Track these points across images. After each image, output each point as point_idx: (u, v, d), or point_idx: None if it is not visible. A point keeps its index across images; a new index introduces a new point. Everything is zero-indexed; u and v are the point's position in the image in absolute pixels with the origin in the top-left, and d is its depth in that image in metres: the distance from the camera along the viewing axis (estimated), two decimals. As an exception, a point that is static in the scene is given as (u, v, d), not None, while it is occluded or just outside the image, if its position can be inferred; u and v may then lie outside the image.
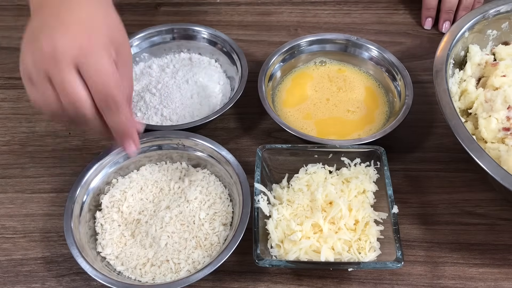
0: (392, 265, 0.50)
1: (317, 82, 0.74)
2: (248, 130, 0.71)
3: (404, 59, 0.74)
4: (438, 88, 0.59)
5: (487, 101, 0.62)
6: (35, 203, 0.64)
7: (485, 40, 0.69)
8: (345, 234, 0.54)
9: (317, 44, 0.75)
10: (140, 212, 0.60)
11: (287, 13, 0.88)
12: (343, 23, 0.86)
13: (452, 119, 0.56)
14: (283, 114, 0.70)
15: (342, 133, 0.68)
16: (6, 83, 0.77)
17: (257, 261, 0.51)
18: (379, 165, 0.59)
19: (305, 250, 0.53)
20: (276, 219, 0.56)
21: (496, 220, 0.62)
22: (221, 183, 0.62)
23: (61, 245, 0.60)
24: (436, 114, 0.72)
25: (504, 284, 0.56)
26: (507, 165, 0.55)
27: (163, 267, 0.55)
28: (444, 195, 0.64)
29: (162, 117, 0.68)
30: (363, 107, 0.71)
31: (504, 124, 0.59)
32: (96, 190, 0.61)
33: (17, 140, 0.70)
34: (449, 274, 0.57)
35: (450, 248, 0.59)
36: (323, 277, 0.57)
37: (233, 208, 0.60)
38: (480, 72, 0.68)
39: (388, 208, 0.55)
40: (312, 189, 0.58)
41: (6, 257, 0.59)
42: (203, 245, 0.57)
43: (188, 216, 0.58)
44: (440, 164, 0.67)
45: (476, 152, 0.52)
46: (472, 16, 0.66)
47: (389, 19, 0.87)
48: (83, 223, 0.58)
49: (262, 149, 0.59)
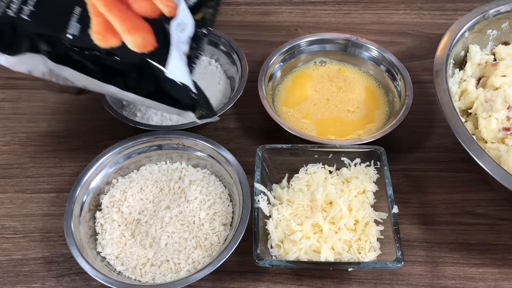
0: (392, 265, 0.50)
1: (317, 82, 0.74)
2: (248, 130, 0.71)
3: (404, 59, 0.74)
4: (438, 88, 0.59)
5: (487, 101, 0.62)
6: (35, 203, 0.64)
7: (485, 40, 0.69)
8: (345, 234, 0.54)
9: (317, 44, 0.76)
10: (140, 212, 0.60)
11: (287, 13, 0.88)
12: (343, 23, 0.86)
13: (452, 119, 0.56)
14: (283, 114, 0.70)
15: (342, 133, 0.68)
16: (6, 83, 0.77)
17: (257, 261, 0.51)
18: (379, 165, 0.59)
19: (305, 250, 0.53)
20: (276, 219, 0.56)
21: (496, 220, 0.62)
22: (221, 183, 0.62)
23: (61, 245, 0.60)
24: (436, 114, 0.72)
25: (504, 284, 0.56)
26: (507, 165, 0.55)
27: (163, 267, 0.55)
28: (444, 195, 0.64)
29: (162, 117, 0.68)
30: (363, 107, 0.71)
31: (504, 124, 0.59)
32: (96, 190, 0.61)
33: (17, 140, 0.70)
34: (449, 274, 0.57)
35: (450, 248, 0.59)
36: (323, 277, 0.57)
37: (233, 208, 0.60)
38: (480, 72, 0.68)
39: (388, 208, 0.55)
40: (312, 189, 0.58)
41: (6, 257, 0.59)
42: (203, 245, 0.57)
43: (188, 216, 0.58)
44: (440, 164, 0.67)
45: (476, 152, 0.53)
46: (472, 16, 0.66)
47: (389, 19, 0.87)
48: (83, 223, 0.58)
49: (262, 149, 0.59)
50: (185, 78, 0.54)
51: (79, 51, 0.51)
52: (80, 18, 0.51)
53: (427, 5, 0.89)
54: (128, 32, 0.52)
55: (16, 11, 0.51)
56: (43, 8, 0.52)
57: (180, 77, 0.53)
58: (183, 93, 0.53)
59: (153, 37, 0.53)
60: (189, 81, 0.55)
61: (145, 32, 0.53)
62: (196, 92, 0.54)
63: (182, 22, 0.56)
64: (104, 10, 0.53)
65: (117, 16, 0.53)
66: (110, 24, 0.52)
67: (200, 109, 0.54)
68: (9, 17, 0.51)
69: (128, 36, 0.52)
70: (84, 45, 0.51)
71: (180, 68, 0.54)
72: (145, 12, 0.54)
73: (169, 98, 0.53)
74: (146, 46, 0.52)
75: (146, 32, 0.53)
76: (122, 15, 0.53)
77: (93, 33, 0.51)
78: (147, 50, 0.52)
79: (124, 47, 0.51)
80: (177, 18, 0.56)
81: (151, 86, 0.53)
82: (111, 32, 0.52)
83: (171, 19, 0.55)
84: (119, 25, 0.52)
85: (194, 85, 0.55)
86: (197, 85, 0.56)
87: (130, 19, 0.53)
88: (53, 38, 0.51)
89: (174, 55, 0.53)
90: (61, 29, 0.51)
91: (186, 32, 0.57)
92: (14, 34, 0.51)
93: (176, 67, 0.53)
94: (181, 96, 0.53)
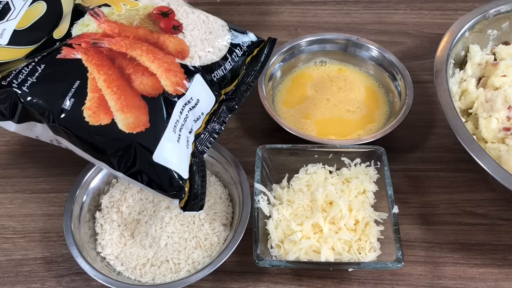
0: (392, 265, 0.50)
1: (317, 82, 0.74)
2: (248, 130, 0.71)
3: (404, 59, 0.74)
4: (438, 88, 0.59)
5: (488, 101, 0.62)
6: (34, 203, 0.64)
7: (486, 40, 0.69)
8: (345, 234, 0.54)
9: (317, 44, 0.75)
10: (140, 212, 0.59)
11: (287, 13, 0.88)
12: (343, 23, 0.86)
13: (452, 119, 0.56)
14: (283, 114, 0.70)
15: (342, 133, 0.68)
16: (6, 83, 0.77)
17: (257, 261, 0.51)
18: (379, 165, 0.59)
19: (305, 250, 0.53)
20: (276, 219, 0.55)
21: (496, 220, 0.62)
22: (221, 183, 0.62)
23: (61, 245, 0.60)
24: (437, 114, 0.72)
25: (504, 284, 0.56)
26: (508, 165, 0.55)
27: (163, 267, 0.55)
28: (444, 195, 0.64)
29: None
30: (363, 107, 0.71)
31: (504, 124, 0.59)
32: (96, 190, 0.61)
33: (17, 140, 0.70)
34: (449, 274, 0.57)
35: (450, 248, 0.59)
36: (323, 277, 0.57)
37: (233, 208, 0.60)
38: (481, 72, 0.68)
39: (388, 208, 0.55)
40: (312, 189, 0.58)
41: (6, 257, 0.59)
42: (203, 245, 0.57)
43: (188, 216, 0.58)
44: (440, 164, 0.67)
45: (477, 152, 0.52)
46: (472, 16, 0.66)
47: (389, 19, 0.87)
48: (83, 223, 0.58)
49: (262, 149, 0.59)
50: (177, 163, 0.50)
51: (68, 126, 0.50)
52: (76, 92, 0.50)
53: (427, 5, 0.89)
54: (122, 110, 0.50)
55: (19, 81, 0.50)
56: (44, 80, 0.51)
57: (170, 161, 0.50)
58: (168, 179, 0.50)
59: (147, 117, 0.50)
60: (183, 165, 0.51)
61: (139, 111, 0.50)
62: (186, 178, 0.51)
63: (192, 100, 0.54)
64: (102, 85, 0.51)
65: (114, 93, 0.51)
66: (105, 101, 0.50)
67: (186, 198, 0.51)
68: (12, 88, 0.50)
69: (120, 115, 0.50)
70: (73, 121, 0.50)
71: (173, 151, 0.50)
72: (145, 90, 0.51)
73: (152, 183, 0.50)
74: (137, 126, 0.50)
75: (140, 111, 0.50)
76: (120, 91, 0.51)
77: (86, 109, 0.50)
78: (137, 130, 0.49)
79: (113, 126, 0.49)
80: (185, 95, 0.53)
81: (136, 168, 0.50)
82: (103, 109, 0.50)
83: (175, 97, 0.52)
84: (113, 102, 0.50)
85: (191, 169, 0.52)
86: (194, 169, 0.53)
87: (126, 97, 0.51)
88: (47, 111, 0.50)
89: (168, 137, 0.50)
90: (55, 103, 0.50)
91: (200, 108, 0.55)
92: (14, 104, 0.50)
93: (168, 150, 0.50)
94: (164, 182, 0.50)
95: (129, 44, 0.54)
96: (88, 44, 0.54)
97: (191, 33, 0.58)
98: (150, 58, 0.54)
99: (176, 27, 0.57)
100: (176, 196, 0.51)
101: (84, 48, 0.53)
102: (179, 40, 0.56)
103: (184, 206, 0.52)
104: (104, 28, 0.56)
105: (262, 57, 0.62)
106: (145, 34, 0.56)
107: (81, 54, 0.53)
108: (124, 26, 0.56)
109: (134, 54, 0.54)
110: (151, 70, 0.53)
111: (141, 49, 0.54)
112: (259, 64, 0.62)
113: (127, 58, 0.53)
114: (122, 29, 0.56)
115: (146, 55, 0.54)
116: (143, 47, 0.54)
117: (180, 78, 0.53)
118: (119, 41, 0.55)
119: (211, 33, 0.59)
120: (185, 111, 0.53)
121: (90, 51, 0.53)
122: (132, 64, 0.53)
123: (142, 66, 0.53)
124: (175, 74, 0.53)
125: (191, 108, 0.54)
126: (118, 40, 0.55)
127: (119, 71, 0.52)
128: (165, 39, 0.56)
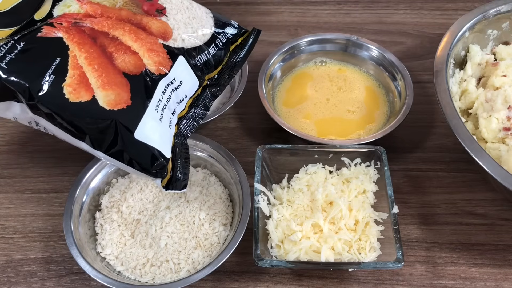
0: (392, 265, 0.50)
1: (317, 82, 0.74)
2: (248, 130, 0.71)
3: (404, 59, 0.74)
4: (438, 88, 0.59)
5: (488, 101, 0.62)
6: (34, 203, 0.64)
7: (486, 40, 0.69)
8: (345, 234, 0.54)
9: (317, 44, 0.75)
10: (140, 212, 0.59)
11: (287, 13, 0.88)
12: (343, 23, 0.86)
13: (452, 119, 0.56)
14: (283, 114, 0.70)
15: (342, 133, 0.68)
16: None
17: (257, 261, 0.51)
18: (379, 165, 0.59)
19: (305, 250, 0.53)
20: (276, 219, 0.55)
21: (496, 220, 0.62)
22: (221, 183, 0.62)
23: (61, 245, 0.60)
24: (437, 114, 0.72)
25: (504, 284, 0.56)
26: (508, 165, 0.55)
27: (163, 267, 0.55)
28: (444, 195, 0.64)
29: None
30: (363, 107, 0.71)
31: (504, 124, 0.59)
32: (96, 190, 0.61)
33: (17, 140, 0.70)
34: (449, 274, 0.57)
35: (450, 248, 0.59)
36: (323, 277, 0.57)
37: (233, 208, 0.60)
38: (481, 72, 0.68)
39: (388, 208, 0.55)
40: (312, 189, 0.58)
41: (5, 257, 0.59)
42: (203, 245, 0.57)
43: (188, 216, 0.58)
44: (440, 164, 0.67)
45: (477, 152, 0.52)
46: (472, 16, 0.66)
47: (389, 19, 0.87)
48: (83, 223, 0.58)
49: (262, 149, 0.59)
50: (159, 141, 0.50)
51: (48, 103, 0.49)
52: (57, 70, 0.50)
53: (428, 4, 0.89)
54: (103, 87, 0.49)
55: None
56: (23, 57, 0.50)
57: (152, 139, 0.49)
58: (149, 157, 0.49)
59: (128, 94, 0.49)
60: (165, 145, 0.51)
61: (120, 88, 0.50)
62: (168, 157, 0.50)
63: (175, 80, 0.53)
64: (83, 62, 0.50)
65: (95, 70, 0.50)
66: (86, 78, 0.50)
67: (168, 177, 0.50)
68: None
69: (101, 92, 0.49)
70: (52, 98, 0.49)
71: (155, 129, 0.50)
72: (127, 68, 0.51)
73: (134, 161, 0.49)
74: (118, 103, 0.49)
75: (121, 89, 0.50)
76: (101, 69, 0.50)
77: (66, 85, 0.49)
78: (118, 107, 0.49)
79: (94, 102, 0.49)
80: (167, 75, 0.52)
81: (116, 146, 0.49)
82: (84, 86, 0.49)
83: (158, 76, 0.52)
84: (94, 79, 0.50)
85: (173, 149, 0.51)
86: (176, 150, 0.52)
87: (108, 74, 0.50)
88: (25, 88, 0.49)
89: (150, 115, 0.50)
90: (35, 79, 0.49)
91: (183, 90, 0.55)
92: None
93: (149, 128, 0.49)
94: (145, 160, 0.49)
95: (112, 24, 0.54)
96: (70, 24, 0.53)
97: (175, 17, 0.58)
98: (132, 38, 0.53)
99: (159, 10, 0.57)
100: (159, 175, 0.50)
101: (66, 27, 0.53)
102: (162, 22, 0.57)
103: (166, 185, 0.51)
104: (86, 9, 0.56)
105: (246, 47, 0.63)
106: (128, 16, 0.56)
107: (62, 32, 0.52)
108: (106, 8, 0.56)
109: (116, 34, 0.53)
110: (134, 49, 0.53)
111: (123, 29, 0.54)
112: (243, 54, 0.62)
113: (109, 37, 0.53)
114: (104, 10, 0.56)
115: (129, 34, 0.54)
116: (126, 27, 0.54)
117: (163, 58, 0.54)
118: (101, 21, 0.54)
119: (195, 19, 0.59)
120: (168, 92, 0.53)
121: (71, 29, 0.53)
122: (114, 43, 0.53)
123: (124, 45, 0.53)
124: (157, 53, 0.53)
125: (174, 89, 0.54)
126: (100, 20, 0.55)
127: (101, 50, 0.52)
128: (148, 21, 0.56)
